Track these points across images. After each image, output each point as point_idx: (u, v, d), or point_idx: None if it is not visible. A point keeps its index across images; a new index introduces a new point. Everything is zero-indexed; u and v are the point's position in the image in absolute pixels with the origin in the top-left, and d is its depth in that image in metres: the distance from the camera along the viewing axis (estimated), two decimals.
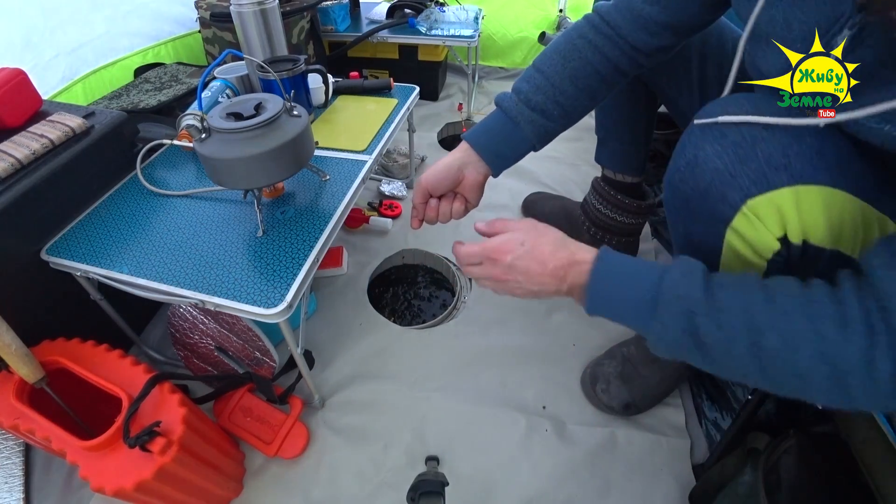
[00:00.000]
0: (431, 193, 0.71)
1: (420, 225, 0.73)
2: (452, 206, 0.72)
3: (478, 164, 0.70)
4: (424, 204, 0.71)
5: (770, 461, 0.55)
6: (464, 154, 0.70)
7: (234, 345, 0.82)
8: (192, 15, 1.41)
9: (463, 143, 0.71)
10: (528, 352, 0.96)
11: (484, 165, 0.70)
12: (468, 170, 0.70)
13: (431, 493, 0.66)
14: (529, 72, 0.71)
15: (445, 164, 0.69)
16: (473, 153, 0.70)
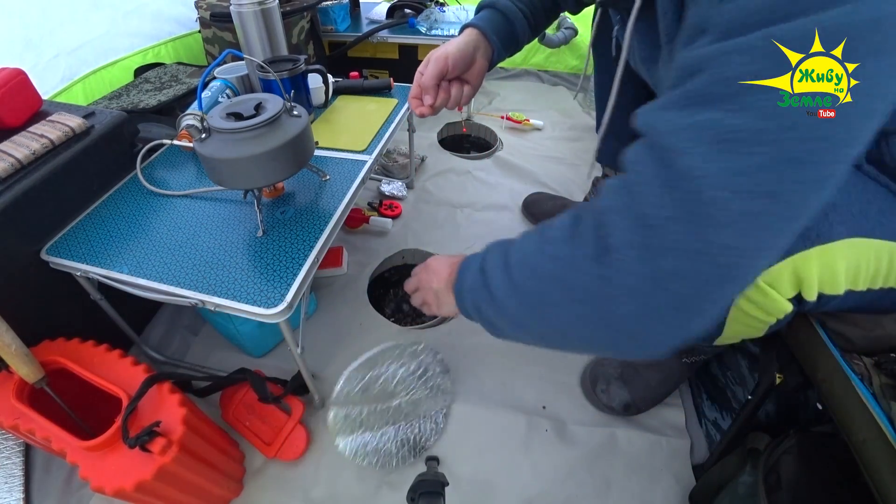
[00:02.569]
0: (448, 73, 0.70)
1: (431, 111, 0.71)
2: (463, 90, 0.73)
3: (486, 50, 0.73)
4: (438, 86, 0.70)
5: (770, 461, 0.55)
6: (474, 39, 0.71)
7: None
8: (192, 15, 1.41)
9: (471, 28, 0.73)
10: (528, 352, 0.96)
11: (490, 51, 0.73)
12: (479, 54, 0.72)
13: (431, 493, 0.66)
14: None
15: (461, 46, 0.70)
16: (484, 39, 0.72)
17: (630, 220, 0.38)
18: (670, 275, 0.36)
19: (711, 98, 0.35)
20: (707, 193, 0.34)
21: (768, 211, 0.34)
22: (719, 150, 0.34)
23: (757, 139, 0.33)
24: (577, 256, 0.42)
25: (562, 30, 1.94)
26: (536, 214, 1.25)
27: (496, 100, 1.89)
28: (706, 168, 0.34)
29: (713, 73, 0.35)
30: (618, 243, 0.38)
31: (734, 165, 0.34)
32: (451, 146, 1.64)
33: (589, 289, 0.41)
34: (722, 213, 0.34)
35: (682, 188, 0.35)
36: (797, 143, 0.33)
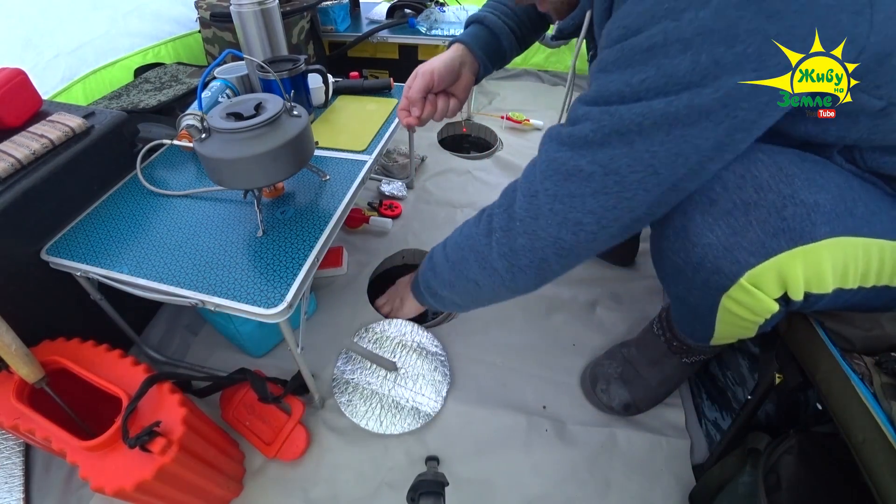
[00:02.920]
0: (433, 87, 0.76)
1: (417, 122, 0.78)
2: (449, 103, 0.79)
3: (472, 64, 0.78)
4: (425, 99, 0.76)
5: (770, 461, 0.55)
6: (460, 54, 0.77)
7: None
8: (192, 15, 1.41)
9: (458, 44, 0.78)
10: (528, 352, 0.96)
11: (476, 66, 0.79)
12: (465, 69, 0.77)
13: (431, 493, 0.66)
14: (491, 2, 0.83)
15: (446, 60, 0.75)
16: (469, 53, 0.77)
17: (507, 215, 0.59)
18: (523, 248, 0.57)
19: (568, 143, 0.51)
20: (549, 205, 0.53)
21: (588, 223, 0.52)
22: (564, 180, 0.51)
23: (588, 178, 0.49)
24: (477, 233, 0.64)
25: None
26: None
27: (496, 100, 1.89)
28: (555, 191, 0.52)
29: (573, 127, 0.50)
30: (496, 227, 0.60)
31: (570, 191, 0.51)
32: (451, 146, 1.64)
33: (482, 252, 0.63)
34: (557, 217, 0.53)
35: (538, 201, 0.54)
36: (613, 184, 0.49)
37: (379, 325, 0.99)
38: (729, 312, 0.53)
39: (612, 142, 0.46)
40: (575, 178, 0.49)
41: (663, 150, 0.44)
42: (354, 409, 0.85)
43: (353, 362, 0.93)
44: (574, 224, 0.51)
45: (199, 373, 0.92)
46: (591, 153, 0.47)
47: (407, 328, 0.99)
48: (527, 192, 0.55)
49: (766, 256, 0.47)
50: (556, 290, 1.08)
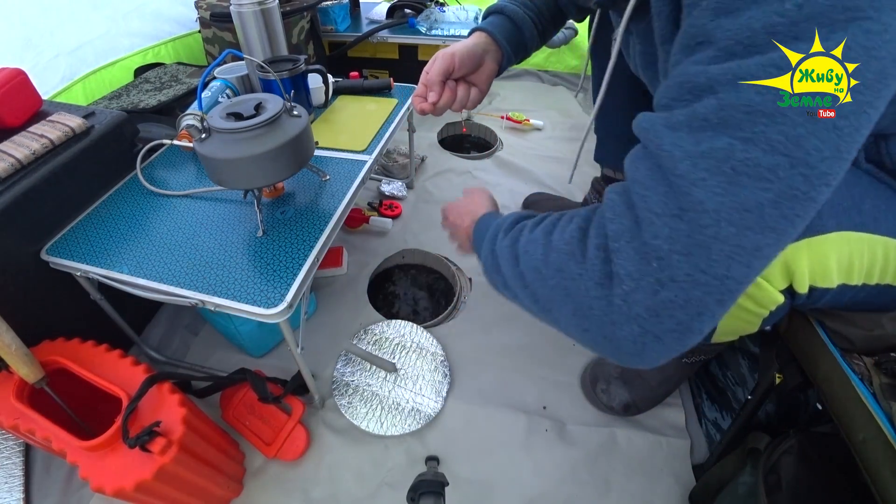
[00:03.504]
0: (454, 72, 0.69)
1: (432, 109, 0.69)
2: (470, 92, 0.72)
3: (496, 53, 0.72)
4: (443, 84, 0.69)
5: (770, 461, 0.55)
6: (483, 42, 0.71)
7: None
8: (192, 15, 1.41)
9: (479, 32, 0.72)
10: (528, 352, 0.96)
11: (499, 55, 0.73)
12: (488, 57, 0.71)
13: (431, 493, 0.66)
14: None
15: (470, 45, 0.69)
16: (493, 41, 0.72)
17: (636, 249, 0.38)
18: (671, 304, 0.37)
19: (724, 124, 0.34)
20: (714, 228, 0.35)
21: (770, 244, 0.35)
22: (730, 183, 0.34)
23: (768, 175, 0.34)
24: (583, 277, 0.41)
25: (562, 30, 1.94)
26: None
27: (496, 100, 1.89)
28: (718, 202, 0.34)
29: (723, 99, 0.34)
30: (623, 273, 0.38)
31: (744, 201, 0.34)
32: (451, 146, 1.64)
33: (593, 308, 0.41)
34: (726, 247, 0.35)
35: (691, 220, 0.35)
36: (804, 179, 0.34)
37: (378, 327, 0.99)
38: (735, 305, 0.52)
39: (788, 109, 0.33)
40: (749, 178, 0.34)
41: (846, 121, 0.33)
42: (355, 411, 0.85)
43: (353, 364, 0.93)
44: (751, 252, 0.35)
45: (199, 373, 0.92)
46: (764, 132, 0.33)
47: (406, 329, 0.99)
48: (663, 208, 0.37)
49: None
50: None
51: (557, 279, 0.44)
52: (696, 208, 0.35)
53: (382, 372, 0.91)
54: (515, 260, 0.50)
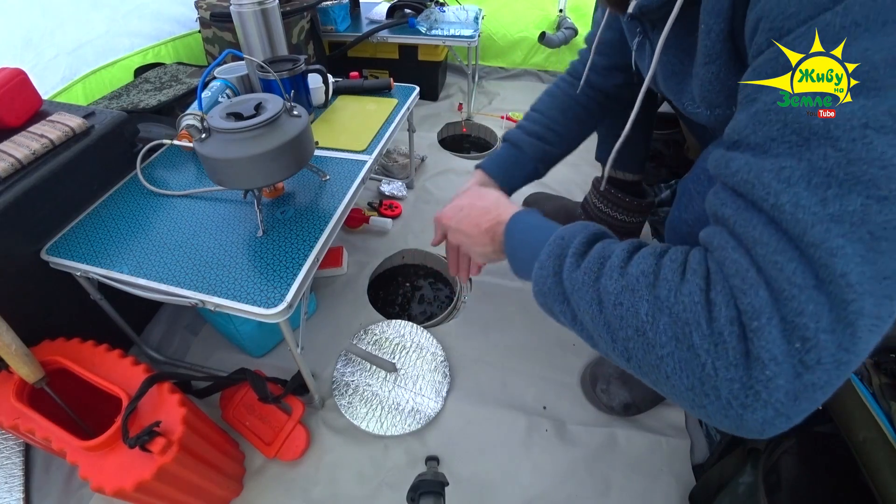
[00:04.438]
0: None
1: (476, 271, 0.74)
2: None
3: (492, 183, 0.78)
4: (457, 250, 0.72)
5: (770, 461, 0.55)
6: (481, 180, 0.78)
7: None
8: (192, 15, 1.41)
9: (477, 171, 0.80)
10: (528, 352, 0.96)
11: (496, 183, 0.78)
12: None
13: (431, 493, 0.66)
14: (528, 114, 0.85)
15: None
16: (489, 178, 0.78)
17: (779, 329, 0.32)
18: (813, 387, 0.33)
19: (855, 181, 0.30)
20: (858, 303, 0.30)
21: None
22: (870, 250, 0.30)
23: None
24: (710, 354, 0.34)
25: (562, 30, 1.94)
26: None
27: (496, 100, 1.89)
28: (860, 272, 0.30)
29: (848, 150, 0.30)
30: (766, 357, 0.33)
31: (884, 269, 0.30)
32: (451, 146, 1.64)
33: (720, 389, 0.34)
34: (868, 321, 0.31)
35: (832, 294, 0.31)
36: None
37: (378, 327, 0.99)
38: None
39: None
40: (890, 242, 0.30)
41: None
42: (355, 411, 0.85)
43: (353, 364, 0.93)
44: (886, 320, 0.31)
45: (199, 373, 0.92)
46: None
47: (406, 329, 0.99)
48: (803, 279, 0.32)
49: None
50: None
51: (671, 348, 0.36)
52: (839, 281, 0.30)
53: (382, 372, 0.91)
54: (599, 305, 0.41)
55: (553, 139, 0.81)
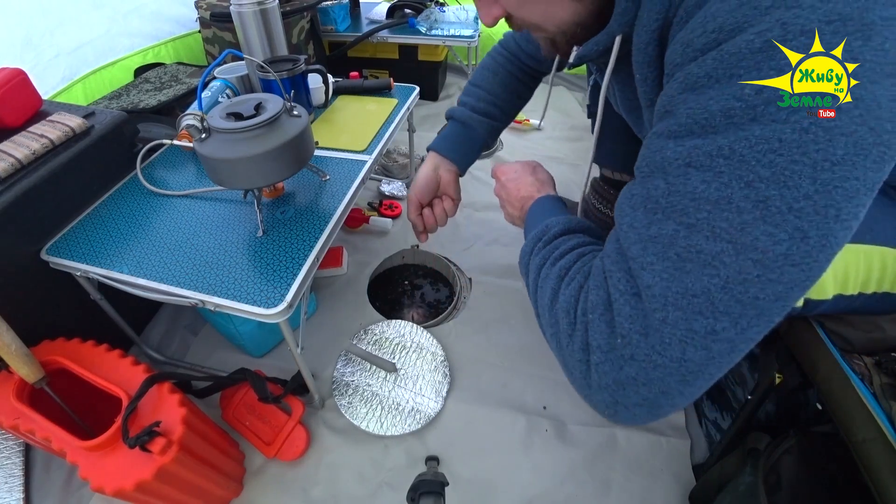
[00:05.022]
0: (422, 203, 0.82)
1: (427, 237, 0.85)
2: (444, 207, 0.83)
3: (447, 164, 0.83)
4: (420, 216, 0.83)
5: (770, 461, 0.55)
6: (433, 160, 0.83)
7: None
8: (192, 15, 1.41)
9: (430, 152, 0.85)
10: (529, 352, 0.96)
11: (452, 164, 0.83)
12: (441, 170, 0.83)
13: (431, 493, 0.66)
14: (469, 88, 0.89)
15: (424, 174, 0.82)
16: (440, 157, 0.83)
17: (607, 323, 0.39)
18: (634, 381, 0.38)
19: (671, 210, 0.35)
20: (662, 313, 0.35)
21: (727, 327, 0.34)
22: (676, 269, 0.35)
23: (712, 261, 0.33)
24: (572, 339, 0.43)
25: None
26: None
27: None
28: (665, 286, 0.35)
29: (671, 183, 0.35)
30: (594, 345, 0.40)
31: (689, 287, 0.34)
32: None
33: (574, 369, 0.43)
34: (677, 331, 0.35)
35: (643, 303, 0.37)
36: (754, 264, 0.32)
37: (378, 327, 0.99)
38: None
39: (734, 197, 0.32)
40: (694, 264, 0.34)
41: (810, 206, 0.30)
42: (355, 411, 0.85)
43: (353, 364, 0.93)
44: (704, 336, 0.34)
45: (199, 373, 0.92)
46: (708, 219, 0.33)
47: (406, 329, 0.99)
48: (625, 286, 0.38)
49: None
50: None
51: (554, 331, 0.45)
52: (647, 292, 0.36)
53: (382, 372, 0.91)
54: (536, 286, 0.51)
55: (499, 115, 0.86)
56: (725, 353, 0.36)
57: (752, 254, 0.32)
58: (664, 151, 0.36)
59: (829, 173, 0.30)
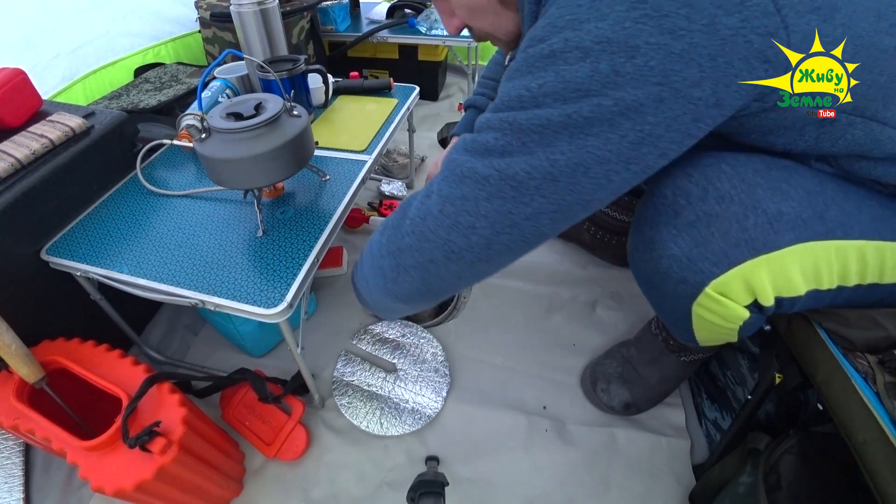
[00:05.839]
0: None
1: None
2: None
3: None
4: None
5: (770, 461, 0.55)
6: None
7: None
8: (192, 15, 1.41)
9: (454, 138, 0.85)
10: (528, 352, 0.96)
11: None
12: None
13: (431, 493, 0.66)
14: (482, 81, 0.93)
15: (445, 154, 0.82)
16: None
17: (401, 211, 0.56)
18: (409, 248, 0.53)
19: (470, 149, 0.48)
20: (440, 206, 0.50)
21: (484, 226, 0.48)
22: (458, 181, 0.48)
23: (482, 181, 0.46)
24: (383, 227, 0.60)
25: None
26: None
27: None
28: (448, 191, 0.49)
29: (478, 134, 0.48)
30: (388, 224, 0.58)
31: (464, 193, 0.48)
32: None
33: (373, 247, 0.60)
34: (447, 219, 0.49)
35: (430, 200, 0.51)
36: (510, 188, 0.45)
37: (378, 327, 0.99)
38: (702, 319, 0.54)
39: (511, 149, 0.44)
40: (469, 181, 0.47)
41: (563, 159, 0.42)
42: (355, 412, 0.85)
43: (353, 364, 0.93)
44: (466, 227, 0.48)
45: (199, 373, 0.92)
46: (489, 159, 0.46)
47: (406, 329, 0.99)
48: (424, 193, 0.53)
49: (729, 266, 0.48)
50: (556, 290, 1.08)
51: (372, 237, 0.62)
52: (436, 193, 0.50)
53: (382, 372, 0.91)
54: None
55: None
56: (482, 248, 0.48)
57: (511, 181, 0.44)
58: (483, 118, 0.48)
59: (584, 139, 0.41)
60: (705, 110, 0.40)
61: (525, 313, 1.03)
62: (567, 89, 0.41)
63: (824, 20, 0.39)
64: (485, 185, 0.46)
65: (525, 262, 1.14)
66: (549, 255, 1.16)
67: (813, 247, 0.47)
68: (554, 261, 1.15)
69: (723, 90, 0.40)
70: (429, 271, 0.52)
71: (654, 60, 0.38)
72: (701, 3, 0.37)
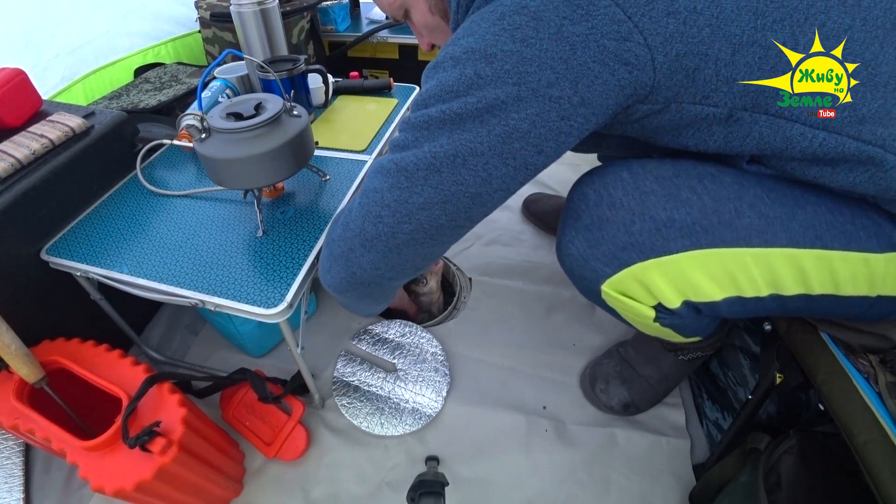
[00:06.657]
0: None
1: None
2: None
3: None
4: None
5: (770, 461, 0.55)
6: None
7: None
8: (192, 15, 1.41)
9: None
10: (528, 352, 0.96)
11: None
12: None
13: (431, 493, 0.66)
14: None
15: None
16: None
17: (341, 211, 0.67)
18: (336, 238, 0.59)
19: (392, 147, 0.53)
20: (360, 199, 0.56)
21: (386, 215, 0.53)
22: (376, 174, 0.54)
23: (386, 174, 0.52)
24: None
25: None
26: (536, 214, 1.25)
27: None
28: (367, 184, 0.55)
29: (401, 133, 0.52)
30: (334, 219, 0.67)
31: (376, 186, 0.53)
32: None
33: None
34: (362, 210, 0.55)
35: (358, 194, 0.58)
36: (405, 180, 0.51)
37: (378, 327, 0.99)
38: (620, 313, 0.60)
39: (407, 144, 0.50)
40: (379, 175, 0.53)
41: (443, 151, 0.47)
42: (355, 412, 0.85)
43: (353, 364, 0.93)
44: (375, 217, 0.53)
45: (199, 373, 0.92)
46: (392, 153, 0.52)
47: (406, 329, 0.99)
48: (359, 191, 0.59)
49: (619, 267, 0.52)
50: (556, 290, 1.08)
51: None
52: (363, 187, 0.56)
53: (382, 372, 0.91)
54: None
55: None
56: (389, 237, 0.53)
57: (404, 172, 0.50)
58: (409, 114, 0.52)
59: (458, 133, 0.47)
60: (571, 108, 0.44)
61: (525, 313, 1.03)
62: (443, 91, 0.47)
63: (684, 23, 0.41)
64: (387, 176, 0.52)
65: (525, 262, 1.15)
66: (550, 255, 1.16)
67: (718, 253, 0.48)
68: (554, 261, 1.15)
69: (585, 89, 0.43)
70: (350, 260, 0.57)
71: (509, 64, 0.43)
72: (548, 16, 0.42)
